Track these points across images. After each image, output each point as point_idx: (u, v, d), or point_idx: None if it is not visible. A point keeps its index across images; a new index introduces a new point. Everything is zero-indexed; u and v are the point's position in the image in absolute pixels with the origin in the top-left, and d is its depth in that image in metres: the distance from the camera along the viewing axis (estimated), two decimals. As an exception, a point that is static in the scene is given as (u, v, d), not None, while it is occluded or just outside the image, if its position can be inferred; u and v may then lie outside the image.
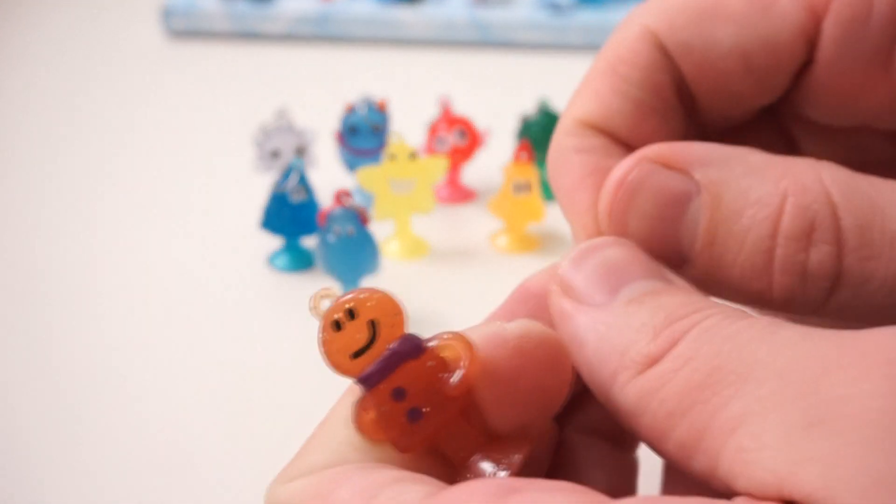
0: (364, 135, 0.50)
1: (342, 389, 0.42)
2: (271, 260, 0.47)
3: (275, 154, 0.48)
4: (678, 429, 0.17)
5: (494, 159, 0.51)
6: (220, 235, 0.49)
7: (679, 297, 0.18)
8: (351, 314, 0.18)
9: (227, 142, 0.59)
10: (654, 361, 0.17)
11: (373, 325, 0.18)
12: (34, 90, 0.68)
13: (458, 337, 0.18)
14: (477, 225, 0.50)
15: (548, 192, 0.53)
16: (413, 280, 0.46)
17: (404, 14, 0.74)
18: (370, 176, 0.46)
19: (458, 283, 0.46)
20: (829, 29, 0.22)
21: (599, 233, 0.22)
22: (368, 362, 0.18)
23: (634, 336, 0.18)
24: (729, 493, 0.16)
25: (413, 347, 0.18)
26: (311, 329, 0.43)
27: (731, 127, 0.25)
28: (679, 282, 0.20)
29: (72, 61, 0.72)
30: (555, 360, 0.19)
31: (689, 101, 0.24)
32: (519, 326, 0.19)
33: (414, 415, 0.18)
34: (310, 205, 0.45)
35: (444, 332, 0.18)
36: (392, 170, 0.46)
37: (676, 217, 0.20)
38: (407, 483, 0.17)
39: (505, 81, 0.70)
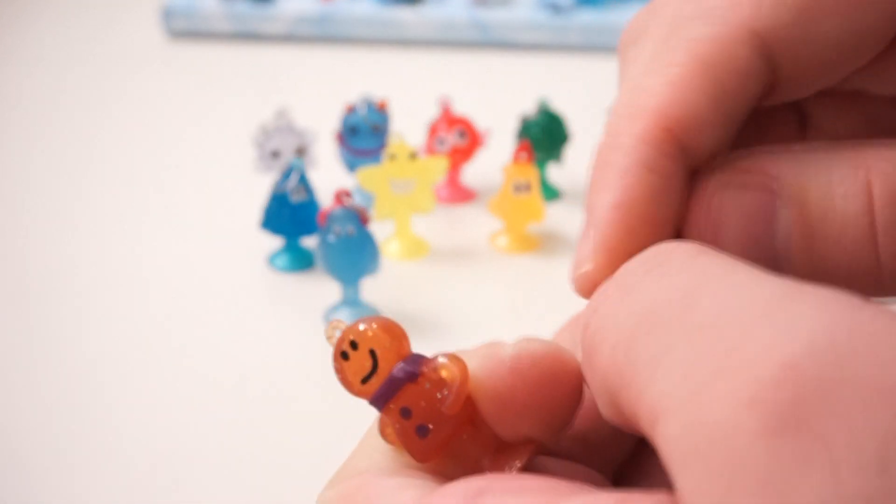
0: (364, 135, 0.50)
1: (341, 392, 0.42)
2: (271, 260, 0.47)
3: (275, 154, 0.48)
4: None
5: (494, 159, 0.51)
6: (221, 235, 0.50)
7: None
8: (353, 345, 0.20)
9: (227, 142, 0.59)
10: None
11: (373, 353, 0.20)
12: (35, 91, 0.68)
13: (453, 357, 0.20)
14: (477, 225, 0.50)
15: (548, 192, 0.53)
16: (413, 280, 0.46)
17: (404, 14, 0.74)
18: (370, 176, 0.46)
19: (458, 283, 0.46)
20: None
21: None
22: (376, 387, 0.20)
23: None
24: None
25: (408, 374, 0.20)
26: (311, 329, 0.43)
27: None
28: None
29: (72, 62, 0.72)
30: (553, 379, 0.19)
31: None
32: (515, 346, 0.19)
33: (421, 431, 0.20)
34: (310, 205, 0.45)
35: (442, 354, 0.20)
36: (392, 170, 0.46)
37: (767, 234, 0.20)
38: (406, 489, 0.18)
39: (505, 82, 0.70)
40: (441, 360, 0.20)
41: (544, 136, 0.51)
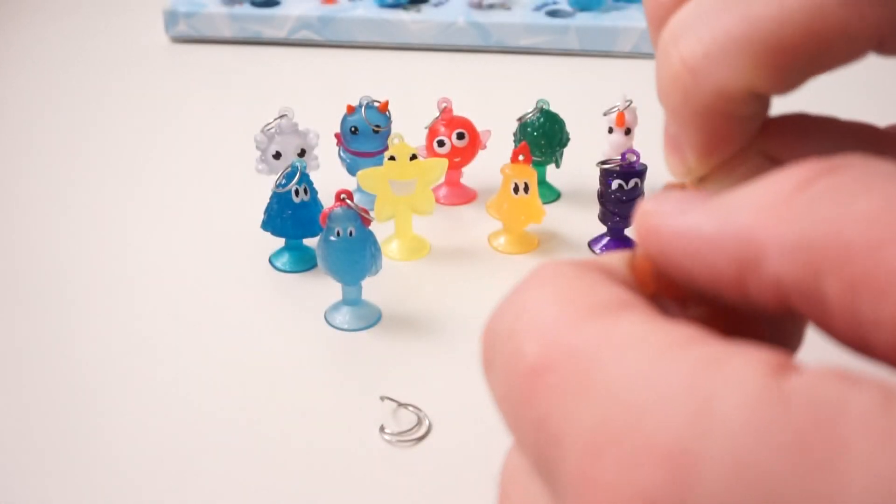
0: (365, 136, 0.50)
1: (342, 391, 0.42)
2: (272, 260, 0.47)
3: (277, 156, 0.49)
4: None
5: (494, 160, 0.51)
6: (223, 236, 0.50)
7: None
8: None
9: (229, 144, 0.59)
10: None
11: None
12: (39, 95, 0.68)
13: None
14: (477, 225, 0.51)
15: (547, 193, 0.53)
16: (413, 280, 0.46)
17: (405, 18, 0.74)
18: (371, 177, 0.46)
19: (458, 283, 0.46)
20: None
21: None
22: None
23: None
24: None
25: None
26: (311, 329, 0.44)
27: None
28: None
29: (76, 66, 0.73)
30: None
31: None
32: None
33: None
34: (311, 206, 0.46)
35: None
36: (393, 171, 0.46)
37: None
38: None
39: (504, 84, 0.70)
40: None
41: (543, 137, 0.52)
